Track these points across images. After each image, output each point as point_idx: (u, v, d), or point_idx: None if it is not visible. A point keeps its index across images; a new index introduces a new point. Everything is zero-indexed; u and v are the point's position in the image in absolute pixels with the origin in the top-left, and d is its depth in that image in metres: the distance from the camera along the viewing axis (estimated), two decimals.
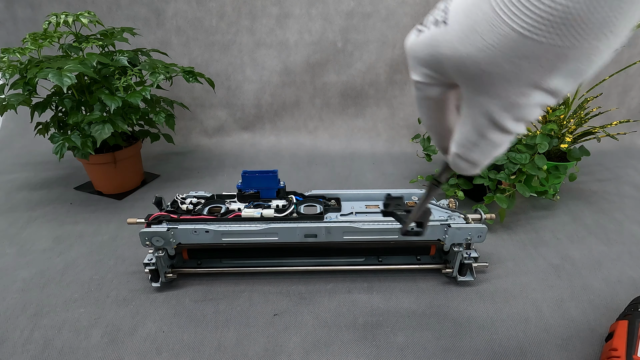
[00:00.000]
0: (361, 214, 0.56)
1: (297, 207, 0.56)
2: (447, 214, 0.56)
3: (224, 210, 0.56)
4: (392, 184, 0.90)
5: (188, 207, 0.56)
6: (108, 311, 0.53)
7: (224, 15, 1.04)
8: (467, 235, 0.53)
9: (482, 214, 0.56)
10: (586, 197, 0.82)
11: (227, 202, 0.58)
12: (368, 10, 1.02)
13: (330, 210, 0.56)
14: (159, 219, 0.53)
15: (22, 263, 0.63)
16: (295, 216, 0.54)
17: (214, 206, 0.57)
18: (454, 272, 0.56)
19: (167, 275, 0.56)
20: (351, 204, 0.59)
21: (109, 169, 0.82)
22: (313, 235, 0.53)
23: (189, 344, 0.48)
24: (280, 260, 0.59)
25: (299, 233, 0.53)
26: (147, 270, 0.54)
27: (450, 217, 0.55)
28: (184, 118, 1.14)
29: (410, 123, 1.12)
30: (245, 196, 0.58)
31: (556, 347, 0.47)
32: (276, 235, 0.53)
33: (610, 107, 1.09)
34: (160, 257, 0.54)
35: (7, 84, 0.73)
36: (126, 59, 0.77)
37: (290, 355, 0.46)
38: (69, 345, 0.48)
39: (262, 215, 0.53)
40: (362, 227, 0.52)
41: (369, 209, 0.58)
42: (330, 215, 0.55)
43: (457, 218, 0.55)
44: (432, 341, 0.48)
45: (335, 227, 0.52)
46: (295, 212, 0.55)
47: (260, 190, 0.57)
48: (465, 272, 0.56)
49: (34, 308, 0.53)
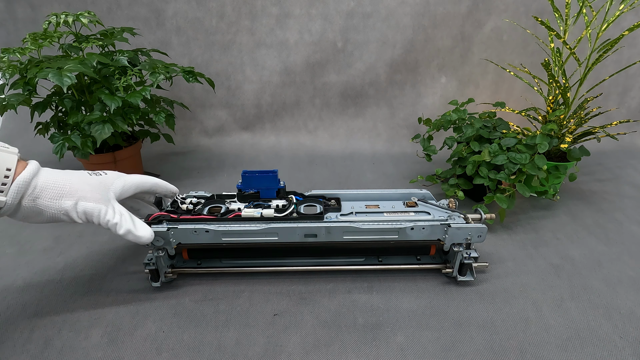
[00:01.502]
0: (361, 214, 0.56)
1: (297, 207, 0.56)
2: (447, 214, 0.56)
3: (224, 210, 0.56)
4: (392, 184, 0.90)
5: (188, 207, 0.56)
6: (108, 311, 0.53)
7: (224, 15, 1.04)
8: (467, 235, 0.53)
9: (482, 213, 0.56)
10: (586, 197, 0.82)
11: (227, 202, 0.58)
12: (368, 10, 1.02)
13: (330, 210, 0.56)
14: (158, 218, 0.53)
15: (22, 263, 0.63)
16: (295, 216, 0.54)
17: (214, 206, 0.57)
18: (454, 272, 0.56)
19: (167, 275, 0.56)
20: (351, 204, 0.59)
21: (109, 169, 0.81)
22: (313, 235, 0.53)
23: (189, 344, 0.48)
24: (281, 260, 0.59)
25: (299, 233, 0.53)
26: (147, 270, 0.54)
27: (450, 217, 0.55)
28: (184, 118, 1.14)
29: (410, 123, 1.12)
30: (245, 196, 0.58)
31: (556, 347, 0.47)
32: (276, 235, 0.53)
33: (610, 107, 1.09)
34: (160, 257, 0.54)
35: (7, 84, 0.73)
36: (126, 59, 0.77)
37: (290, 355, 0.46)
38: (69, 345, 0.48)
39: (262, 215, 0.53)
40: (362, 227, 0.52)
41: (369, 209, 0.58)
42: (330, 215, 0.55)
43: (457, 218, 0.55)
44: (432, 341, 0.48)
45: (335, 227, 0.52)
46: (295, 212, 0.55)
47: (260, 190, 0.57)
48: (465, 272, 0.56)
49: (34, 308, 0.53)
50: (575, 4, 1.00)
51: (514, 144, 0.68)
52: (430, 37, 1.05)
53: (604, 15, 0.82)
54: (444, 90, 1.11)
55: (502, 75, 1.09)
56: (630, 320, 0.51)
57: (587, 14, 0.84)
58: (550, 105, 0.78)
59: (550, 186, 0.78)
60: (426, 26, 1.03)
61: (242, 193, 0.58)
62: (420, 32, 1.04)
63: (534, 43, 1.02)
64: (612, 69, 1.01)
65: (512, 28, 1.02)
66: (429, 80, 1.11)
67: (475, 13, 1.01)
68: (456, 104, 0.81)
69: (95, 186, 0.46)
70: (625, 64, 1.01)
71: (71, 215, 0.43)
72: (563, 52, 0.75)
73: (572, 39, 0.93)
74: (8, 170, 0.40)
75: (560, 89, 0.73)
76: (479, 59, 1.07)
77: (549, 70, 0.73)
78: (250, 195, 0.58)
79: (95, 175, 0.48)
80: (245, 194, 0.58)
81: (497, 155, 0.67)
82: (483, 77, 1.09)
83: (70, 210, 0.43)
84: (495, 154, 0.68)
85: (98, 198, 0.45)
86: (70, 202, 0.43)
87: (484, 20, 1.02)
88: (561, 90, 0.73)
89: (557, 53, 0.74)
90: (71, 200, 0.43)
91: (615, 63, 1.03)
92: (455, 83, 1.10)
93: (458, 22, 1.03)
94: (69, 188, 0.43)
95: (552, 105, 0.78)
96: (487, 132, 0.73)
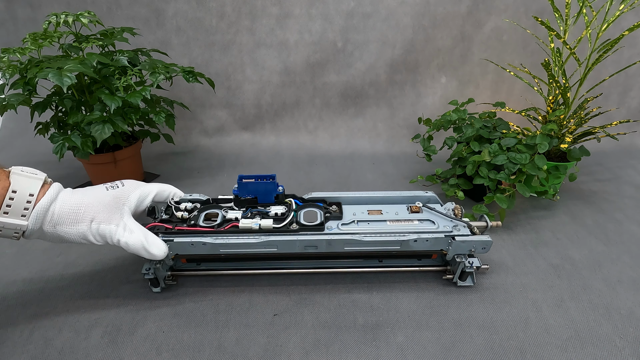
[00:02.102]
0: (363, 222, 0.55)
1: (296, 214, 0.54)
2: (452, 223, 0.54)
3: (220, 220, 0.53)
4: (392, 184, 0.90)
5: (183, 215, 0.53)
6: (108, 311, 0.53)
7: (224, 15, 1.04)
8: (472, 247, 0.52)
9: (487, 221, 0.55)
10: (586, 197, 0.82)
11: (224, 208, 0.56)
12: (368, 10, 1.02)
13: (331, 217, 0.55)
14: (153, 230, 0.51)
15: (22, 263, 0.63)
16: (294, 227, 0.52)
17: (210, 212, 0.55)
18: (454, 278, 0.56)
19: (167, 281, 0.56)
20: (353, 209, 0.57)
21: (109, 169, 0.82)
22: (313, 246, 0.52)
23: (189, 344, 0.48)
24: (281, 263, 0.59)
25: (298, 245, 0.51)
26: (146, 278, 0.53)
27: (455, 227, 0.53)
28: (184, 118, 1.14)
29: (410, 123, 1.12)
30: (242, 200, 0.56)
31: (556, 347, 0.47)
32: (275, 247, 0.51)
33: (610, 107, 1.09)
34: (158, 267, 0.53)
35: (7, 84, 0.73)
36: (126, 59, 0.77)
37: (290, 355, 0.46)
38: (69, 345, 0.48)
39: (261, 227, 0.51)
40: (364, 239, 0.51)
41: (371, 216, 0.56)
42: (330, 225, 0.54)
43: (462, 228, 0.53)
44: (432, 341, 0.48)
45: (336, 240, 0.51)
46: (294, 220, 0.53)
47: (258, 195, 0.56)
48: (466, 278, 0.56)
49: (34, 308, 0.53)
50: (575, 4, 1.00)
51: (514, 144, 0.68)
52: (430, 37, 1.05)
53: (604, 15, 0.82)
54: (444, 90, 1.11)
55: (502, 75, 1.09)
56: (630, 321, 0.51)
57: (587, 14, 0.84)
58: (550, 105, 0.78)
59: (550, 186, 0.78)
60: (426, 26, 1.03)
61: (239, 198, 0.56)
62: (420, 32, 1.04)
63: (534, 43, 1.02)
64: (612, 69, 1.01)
65: (512, 28, 1.02)
66: (429, 80, 1.11)
67: (475, 13, 1.01)
68: (456, 104, 0.81)
69: (108, 205, 0.46)
70: (625, 64, 1.01)
71: (89, 238, 0.45)
72: (563, 52, 0.75)
73: (572, 39, 0.93)
74: (31, 196, 0.42)
75: (560, 89, 0.73)
76: (479, 59, 1.07)
77: (549, 70, 0.73)
78: (248, 200, 0.56)
79: (112, 188, 0.48)
80: (242, 199, 0.56)
81: (497, 155, 0.67)
82: (483, 77, 1.09)
83: (87, 234, 0.45)
84: (495, 154, 0.68)
85: (111, 218, 0.46)
86: (85, 225, 0.44)
87: (484, 20, 1.02)
88: (561, 90, 0.73)
89: (557, 53, 0.74)
90: (86, 223, 0.44)
91: (615, 63, 1.03)
92: (455, 83, 1.10)
93: (458, 22, 1.03)
94: (83, 210, 0.44)
95: (552, 105, 0.78)
96: (487, 132, 0.73)
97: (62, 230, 0.44)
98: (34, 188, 0.42)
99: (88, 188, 0.48)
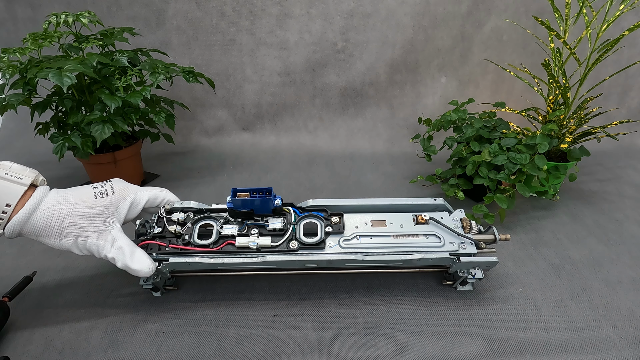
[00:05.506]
0: (366, 237, 0.51)
1: (295, 228, 0.51)
2: (458, 240, 0.51)
3: (214, 237, 0.50)
4: (392, 184, 0.90)
5: (176, 229, 0.49)
6: (108, 311, 0.53)
7: (224, 15, 1.04)
8: (476, 267, 0.51)
9: (496, 235, 0.52)
10: (586, 197, 0.82)
11: (219, 221, 0.51)
12: (368, 10, 1.02)
13: (332, 232, 0.52)
14: (147, 248, 0.49)
15: (22, 263, 0.63)
16: (293, 245, 0.50)
17: (205, 224, 0.51)
18: (454, 284, 0.56)
19: (167, 288, 0.56)
20: (355, 219, 0.53)
21: (109, 169, 0.82)
22: (313, 264, 0.50)
23: (189, 344, 0.48)
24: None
25: (297, 265, 0.50)
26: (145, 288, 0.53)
27: (461, 245, 0.50)
28: (184, 118, 1.14)
29: (410, 123, 1.12)
30: (237, 212, 0.51)
31: (556, 347, 0.47)
32: (274, 265, 0.50)
33: (610, 107, 1.09)
34: (157, 280, 0.52)
35: (7, 84, 0.73)
36: (126, 59, 0.77)
37: (290, 356, 0.46)
38: (69, 345, 0.48)
39: (258, 246, 0.49)
40: (365, 258, 0.49)
41: (374, 229, 0.52)
42: (331, 242, 0.51)
43: (468, 246, 0.50)
44: (431, 341, 0.48)
45: (337, 260, 0.49)
46: (293, 236, 0.50)
47: (254, 208, 0.51)
48: (466, 284, 0.56)
49: (34, 308, 0.53)
50: (575, 4, 1.00)
51: (514, 144, 0.68)
52: (430, 37, 1.05)
53: (604, 15, 0.82)
54: (444, 90, 1.11)
55: (502, 75, 1.09)
56: (630, 321, 0.51)
57: (587, 14, 0.84)
58: (550, 105, 0.78)
59: (550, 186, 0.78)
60: (426, 26, 1.03)
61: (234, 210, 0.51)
62: (420, 32, 1.04)
63: (534, 43, 1.01)
64: (612, 69, 1.01)
65: (512, 28, 1.02)
66: (429, 80, 1.11)
67: (475, 13, 1.01)
68: (456, 104, 0.81)
69: (96, 219, 0.44)
70: (625, 64, 1.01)
71: (74, 251, 0.44)
72: (563, 52, 0.75)
73: (572, 39, 0.93)
74: (7, 207, 0.40)
75: (560, 89, 0.73)
76: (479, 59, 1.07)
77: (549, 70, 0.73)
78: (244, 212, 0.51)
79: (101, 196, 0.46)
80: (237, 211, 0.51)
81: (497, 156, 0.67)
82: (483, 77, 1.09)
83: (72, 248, 0.44)
84: (495, 154, 0.68)
85: (98, 233, 0.45)
86: (70, 240, 0.44)
87: (484, 20, 1.02)
88: (561, 90, 0.73)
89: (557, 53, 0.74)
90: (70, 238, 0.44)
91: (615, 63, 1.03)
92: (455, 83, 1.10)
93: (458, 22, 1.03)
94: (68, 225, 0.43)
95: (552, 105, 0.78)
96: (487, 132, 0.73)
97: (45, 241, 0.43)
98: (12, 197, 0.40)
99: (75, 191, 0.46)
